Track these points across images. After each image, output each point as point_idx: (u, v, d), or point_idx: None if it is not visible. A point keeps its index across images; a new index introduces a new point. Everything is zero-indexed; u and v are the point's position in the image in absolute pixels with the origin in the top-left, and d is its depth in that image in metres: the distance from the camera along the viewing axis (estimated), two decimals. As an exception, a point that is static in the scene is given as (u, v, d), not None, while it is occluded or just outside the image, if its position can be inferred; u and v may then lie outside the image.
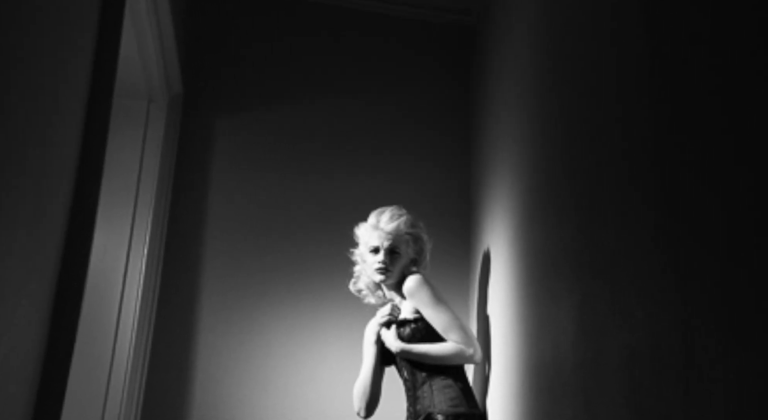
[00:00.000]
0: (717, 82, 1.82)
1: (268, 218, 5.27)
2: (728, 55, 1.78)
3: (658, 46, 2.19)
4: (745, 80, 1.69)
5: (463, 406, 3.94)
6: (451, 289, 4.95)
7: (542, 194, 3.36)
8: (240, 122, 5.44)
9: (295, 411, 4.94)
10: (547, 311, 3.11)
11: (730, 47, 1.77)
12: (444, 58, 5.81)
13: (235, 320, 5.05)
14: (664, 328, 1.99)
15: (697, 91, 1.91)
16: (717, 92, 1.81)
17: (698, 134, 1.88)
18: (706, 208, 1.82)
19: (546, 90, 3.44)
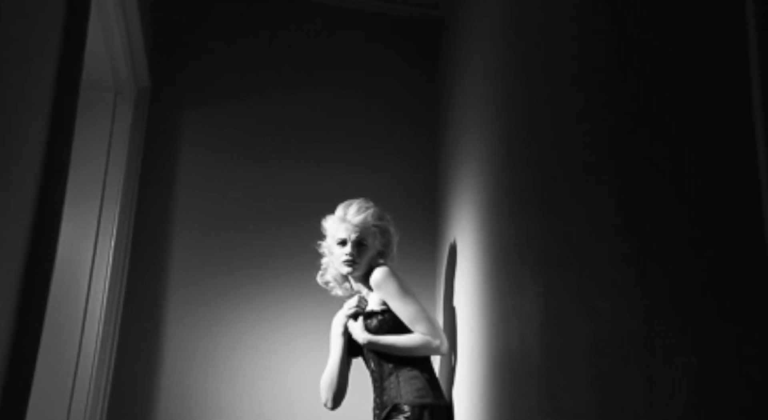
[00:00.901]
0: (677, 76, 1.85)
1: (235, 211, 5.27)
2: (688, 50, 1.80)
3: (620, 40, 2.22)
4: (704, 75, 1.72)
5: (429, 396, 3.96)
6: (418, 281, 4.98)
7: (507, 187, 3.38)
8: (208, 115, 5.44)
9: (262, 403, 4.95)
10: (512, 302, 3.14)
11: (690, 42, 1.80)
12: (411, 52, 5.83)
13: (202, 313, 5.05)
14: (626, 318, 2.01)
15: (658, 85, 1.94)
16: (677, 86, 1.84)
17: (659, 128, 1.91)
18: (666, 200, 1.84)
19: (511, 84, 3.46)
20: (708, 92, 1.70)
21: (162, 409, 4.87)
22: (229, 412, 4.92)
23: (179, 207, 5.21)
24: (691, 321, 1.69)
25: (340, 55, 5.74)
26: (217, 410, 4.92)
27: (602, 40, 2.35)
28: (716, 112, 1.66)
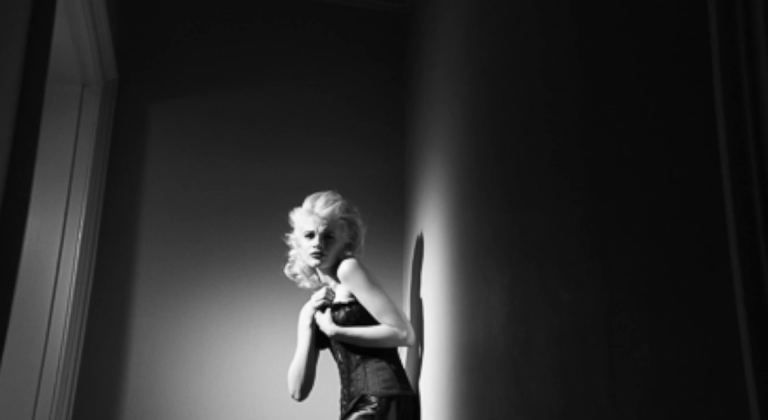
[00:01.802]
0: (640, 70, 1.87)
1: (203, 203, 5.27)
2: (651, 44, 1.83)
3: (584, 35, 2.24)
4: (667, 69, 1.74)
5: (396, 387, 3.98)
6: (385, 273, 4.99)
7: (474, 180, 3.40)
8: (175, 107, 5.43)
9: (229, 394, 4.95)
10: (479, 294, 3.16)
11: (653, 36, 1.82)
12: (379, 45, 5.83)
13: (170, 304, 5.05)
14: (590, 310, 2.04)
15: (622, 80, 1.96)
16: (640, 81, 1.86)
17: (622, 122, 1.93)
18: (629, 193, 1.86)
19: (477, 77, 3.48)
20: (671, 86, 1.72)
21: (129, 401, 4.86)
22: (197, 404, 4.93)
23: (147, 199, 5.21)
24: (653, 313, 1.71)
25: (308, 48, 5.74)
26: (185, 402, 4.92)
27: (566, 35, 2.37)
28: (679, 106, 1.68)
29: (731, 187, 1.42)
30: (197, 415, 4.91)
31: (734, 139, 1.43)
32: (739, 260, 1.39)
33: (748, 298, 1.37)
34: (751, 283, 1.37)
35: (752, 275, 1.37)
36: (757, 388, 1.32)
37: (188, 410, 4.90)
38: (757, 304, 1.36)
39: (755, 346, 1.34)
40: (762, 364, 1.33)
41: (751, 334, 1.35)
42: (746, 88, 1.42)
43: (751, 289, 1.37)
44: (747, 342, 1.35)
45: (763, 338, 1.34)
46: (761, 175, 1.38)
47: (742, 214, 1.40)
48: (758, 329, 1.35)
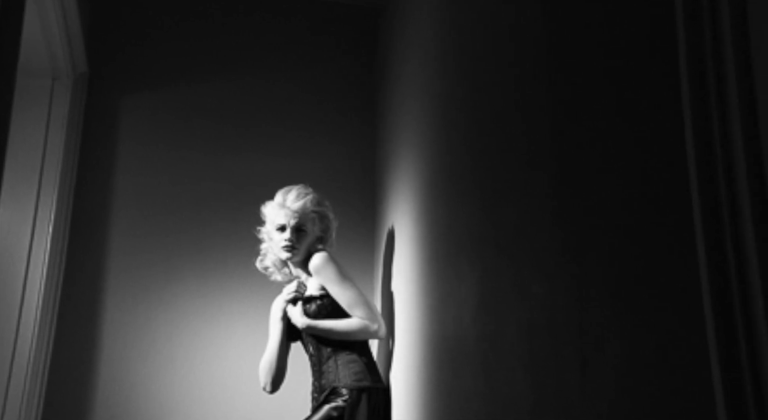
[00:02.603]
0: (610, 65, 1.88)
1: (174, 196, 5.26)
2: (621, 39, 1.84)
3: (554, 31, 2.25)
4: (637, 64, 1.76)
5: (367, 380, 4.00)
6: (357, 266, 5.00)
7: (446, 174, 3.41)
8: (146, 101, 5.42)
9: (201, 387, 4.95)
10: (450, 287, 3.17)
11: (623, 31, 1.83)
12: (351, 39, 5.84)
13: (141, 297, 5.04)
14: (561, 303, 2.05)
15: (592, 75, 1.97)
16: (610, 76, 1.88)
17: (593, 117, 1.94)
18: (600, 188, 1.88)
19: (449, 72, 3.49)
20: (639, 82, 1.74)
21: (100, 394, 4.86)
22: (169, 397, 4.92)
23: (118, 193, 5.19)
24: (623, 308, 1.73)
25: (280, 42, 5.74)
26: (156, 395, 4.91)
27: (537, 31, 2.38)
28: (647, 101, 1.70)
29: (698, 182, 1.44)
30: (168, 408, 4.91)
31: (700, 133, 1.45)
32: (705, 255, 1.41)
33: (714, 293, 1.39)
34: (717, 278, 1.39)
35: (718, 271, 1.39)
36: (722, 382, 1.34)
37: (159, 404, 4.90)
38: (723, 299, 1.38)
39: (721, 341, 1.36)
40: (727, 358, 1.35)
41: (717, 329, 1.37)
42: (712, 82, 1.44)
43: (717, 284, 1.39)
44: (713, 336, 1.37)
45: (729, 333, 1.36)
46: (727, 169, 1.40)
47: (708, 209, 1.42)
48: (724, 324, 1.36)
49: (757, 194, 1.34)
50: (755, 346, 1.32)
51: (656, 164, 1.65)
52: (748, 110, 1.38)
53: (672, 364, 1.55)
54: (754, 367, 1.32)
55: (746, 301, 1.35)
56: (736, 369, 1.34)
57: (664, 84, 1.62)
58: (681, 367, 1.52)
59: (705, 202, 1.43)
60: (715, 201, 1.42)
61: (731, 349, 1.35)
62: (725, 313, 1.37)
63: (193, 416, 4.92)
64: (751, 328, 1.33)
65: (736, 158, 1.39)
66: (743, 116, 1.38)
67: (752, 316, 1.34)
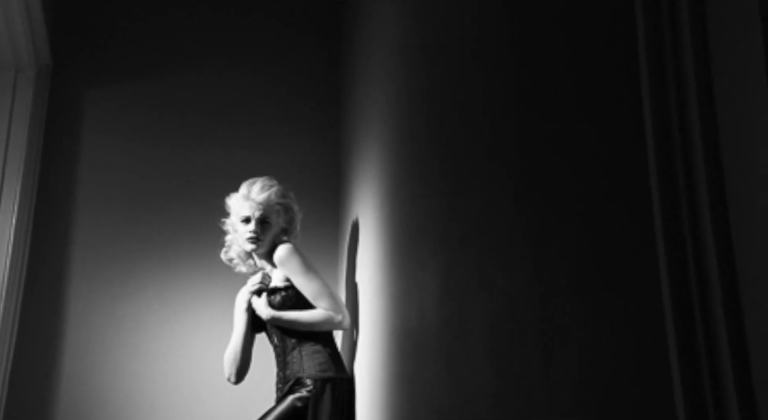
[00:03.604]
0: (572, 58, 1.90)
1: (139, 188, 5.26)
2: (582, 32, 1.86)
3: (516, 23, 2.27)
4: (597, 57, 1.78)
5: (332, 370, 4.02)
6: (321, 258, 5.02)
7: (409, 165, 3.42)
8: (111, 94, 5.41)
9: (165, 378, 4.95)
10: (413, 278, 3.19)
11: (584, 24, 1.85)
12: (314, 31, 5.84)
13: (105, 289, 5.03)
14: (523, 293, 2.07)
15: (554, 68, 1.99)
16: (572, 68, 1.90)
17: (555, 109, 1.96)
18: (562, 179, 1.90)
19: (413, 63, 3.50)
20: (601, 74, 1.76)
21: (65, 385, 4.85)
22: (133, 388, 4.92)
23: (83, 185, 5.18)
24: (585, 295, 1.75)
25: (244, 34, 5.74)
26: (121, 386, 4.91)
27: (500, 23, 2.40)
28: (608, 93, 1.72)
29: (657, 174, 1.46)
30: (133, 399, 4.91)
31: (659, 127, 1.47)
32: (664, 246, 1.43)
33: (673, 283, 1.41)
34: (676, 268, 1.41)
35: (677, 261, 1.41)
36: (680, 370, 1.37)
37: (124, 395, 4.90)
38: (681, 289, 1.40)
39: (679, 329, 1.38)
40: (685, 346, 1.37)
41: (675, 318, 1.39)
42: (671, 76, 1.46)
43: (676, 274, 1.41)
44: (672, 325, 1.40)
45: (686, 321, 1.38)
46: (685, 162, 1.42)
47: (667, 200, 1.45)
48: (681, 313, 1.39)
49: (714, 186, 1.37)
50: (712, 336, 1.35)
51: (617, 157, 1.68)
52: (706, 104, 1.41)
53: (632, 352, 1.57)
54: (711, 356, 1.34)
55: (704, 291, 1.38)
56: (693, 357, 1.37)
57: (623, 76, 1.64)
58: (641, 354, 1.55)
59: (664, 193, 1.45)
60: (674, 193, 1.44)
61: (689, 337, 1.38)
62: (683, 302, 1.39)
63: (158, 407, 4.92)
64: (708, 317, 1.36)
65: (694, 150, 1.41)
66: (701, 109, 1.40)
67: (709, 307, 1.36)
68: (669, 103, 1.47)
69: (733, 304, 1.31)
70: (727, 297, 1.33)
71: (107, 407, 4.89)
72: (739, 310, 1.31)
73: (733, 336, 1.31)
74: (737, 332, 1.30)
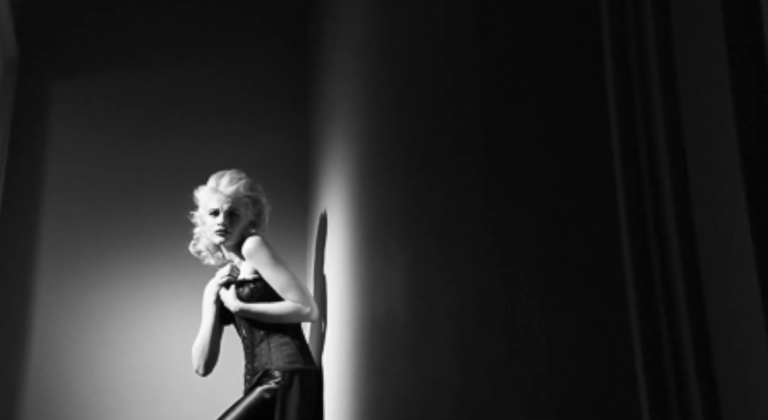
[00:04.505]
0: (537, 51, 1.92)
1: (107, 181, 5.24)
2: (547, 26, 1.87)
3: (483, 17, 2.28)
4: (563, 50, 1.79)
5: (300, 362, 4.03)
6: (289, 250, 5.02)
7: (377, 158, 3.43)
8: (78, 86, 5.39)
9: (133, 369, 4.95)
10: (381, 270, 3.20)
11: (549, 18, 1.87)
12: (282, 24, 5.84)
13: (73, 281, 5.02)
14: (489, 284, 2.08)
15: (520, 60, 2.01)
16: (537, 61, 1.91)
17: (521, 101, 1.98)
18: (527, 170, 1.91)
19: (379, 57, 3.51)
20: (566, 68, 1.77)
21: (32, 377, 4.84)
22: (101, 379, 4.91)
23: (50, 177, 5.16)
24: (550, 289, 1.76)
25: (212, 28, 5.73)
26: (89, 377, 4.90)
27: (467, 18, 2.41)
28: (574, 87, 1.73)
29: (621, 166, 1.48)
30: (101, 391, 4.90)
31: (624, 121, 1.48)
32: (628, 236, 1.45)
33: (637, 276, 1.43)
34: (640, 258, 1.43)
35: (640, 251, 1.43)
36: (644, 362, 1.38)
37: (92, 386, 4.89)
38: (645, 282, 1.41)
39: (643, 322, 1.40)
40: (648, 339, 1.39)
41: (639, 310, 1.41)
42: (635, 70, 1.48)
43: (639, 267, 1.43)
44: (635, 318, 1.41)
45: (650, 314, 1.39)
46: (649, 153, 1.44)
47: (631, 192, 1.46)
48: (645, 306, 1.40)
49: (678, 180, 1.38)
50: (675, 328, 1.36)
51: (582, 151, 1.69)
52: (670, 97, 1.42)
53: (596, 344, 1.59)
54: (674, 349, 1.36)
55: (667, 284, 1.39)
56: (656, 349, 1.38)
57: (590, 71, 1.65)
58: (604, 346, 1.56)
59: (628, 187, 1.47)
60: (638, 186, 1.46)
61: (652, 330, 1.39)
62: (647, 295, 1.41)
63: (125, 398, 4.91)
64: (671, 309, 1.37)
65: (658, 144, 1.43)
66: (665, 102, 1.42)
67: (673, 299, 1.37)
68: (633, 97, 1.48)
69: (696, 296, 1.33)
70: (689, 289, 1.34)
71: (75, 399, 4.88)
72: (702, 303, 1.33)
73: (695, 328, 1.32)
74: (699, 324, 1.32)
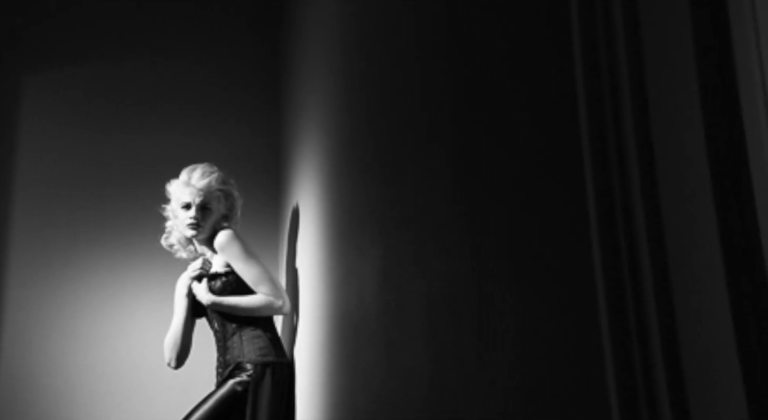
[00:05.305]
0: (508, 45, 1.93)
1: (79, 174, 5.23)
2: (518, 20, 1.88)
3: (453, 9, 2.28)
4: (533, 44, 1.81)
5: (272, 355, 4.04)
6: (262, 244, 5.03)
7: (348, 151, 3.44)
8: (50, 79, 5.37)
9: (105, 362, 4.94)
10: (353, 263, 3.21)
11: (520, 12, 1.88)
12: (254, 17, 5.83)
13: (44, 274, 5.00)
14: (459, 277, 2.09)
15: (491, 54, 2.02)
16: (508, 56, 1.92)
17: (491, 94, 1.99)
18: (497, 163, 1.92)
19: (351, 50, 3.51)
20: (535, 60, 1.79)
21: (3, 371, 4.82)
22: (73, 372, 4.90)
23: (20, 170, 5.14)
24: (519, 279, 1.77)
25: (184, 20, 5.71)
26: (60, 370, 4.89)
27: (438, 11, 2.42)
28: (544, 79, 1.75)
29: (591, 159, 1.49)
30: (72, 384, 4.89)
31: (593, 113, 1.50)
32: (597, 227, 1.46)
33: (606, 267, 1.44)
34: (608, 250, 1.44)
35: (609, 242, 1.44)
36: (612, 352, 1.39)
37: (64, 379, 4.88)
38: (613, 272, 1.43)
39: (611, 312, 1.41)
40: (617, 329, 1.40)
41: (608, 300, 1.42)
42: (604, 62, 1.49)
43: (608, 256, 1.44)
44: (604, 308, 1.42)
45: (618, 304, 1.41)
46: (617, 146, 1.45)
47: (600, 183, 1.47)
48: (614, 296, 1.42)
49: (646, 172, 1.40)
50: (643, 317, 1.38)
51: (551, 142, 1.70)
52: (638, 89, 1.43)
53: (565, 335, 1.60)
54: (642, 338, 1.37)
55: (635, 274, 1.40)
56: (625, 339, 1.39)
57: (558, 64, 1.66)
58: (574, 337, 1.57)
59: (597, 178, 1.48)
60: (607, 177, 1.47)
61: (621, 319, 1.40)
62: (616, 285, 1.42)
63: (97, 391, 4.91)
64: (639, 298, 1.39)
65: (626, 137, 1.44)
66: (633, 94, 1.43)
67: (641, 288, 1.39)
68: (602, 88, 1.49)
69: (664, 289, 1.35)
70: (657, 279, 1.36)
71: (46, 391, 4.87)
72: (670, 296, 1.34)
73: (662, 316, 1.34)
74: (667, 313, 1.33)
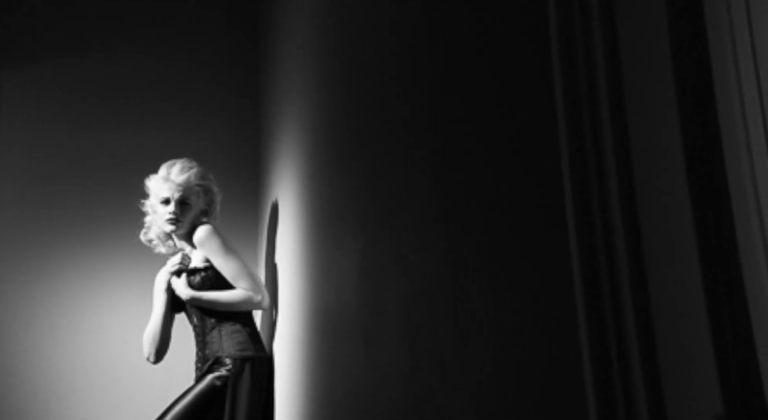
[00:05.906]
0: (485, 41, 1.94)
1: (58, 170, 5.22)
2: (496, 15, 1.89)
3: (430, 5, 2.29)
4: (509, 40, 1.82)
5: (251, 349, 4.04)
6: (241, 239, 5.03)
7: (327, 147, 3.44)
8: (26, 74, 5.35)
9: (84, 357, 4.93)
10: (332, 258, 3.21)
11: (497, 7, 1.89)
12: (233, 14, 5.82)
13: (23, 270, 4.99)
14: (437, 272, 2.10)
15: (468, 51, 2.03)
16: (485, 52, 1.93)
17: (469, 91, 2.00)
18: (475, 159, 1.93)
19: (329, 46, 3.52)
20: (514, 58, 1.80)
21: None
22: (51, 367, 4.90)
23: (-1, 165, 5.13)
24: (496, 274, 1.79)
25: (163, 15, 5.70)
26: (39, 365, 4.88)
27: (414, 6, 2.42)
28: (521, 75, 1.76)
29: (568, 156, 1.50)
30: (51, 379, 4.88)
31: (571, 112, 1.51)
32: (574, 224, 1.47)
33: (583, 265, 1.45)
34: (585, 246, 1.46)
35: (586, 239, 1.46)
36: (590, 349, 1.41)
37: (42, 375, 4.87)
38: (589, 266, 1.44)
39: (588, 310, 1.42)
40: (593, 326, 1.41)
41: (585, 298, 1.43)
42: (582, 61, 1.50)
43: (585, 256, 1.45)
44: (581, 305, 1.44)
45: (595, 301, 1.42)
46: (594, 143, 1.46)
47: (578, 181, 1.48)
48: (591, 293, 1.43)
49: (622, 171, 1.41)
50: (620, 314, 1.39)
51: (529, 139, 1.71)
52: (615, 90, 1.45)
53: (542, 332, 1.61)
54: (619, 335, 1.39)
55: (612, 271, 1.42)
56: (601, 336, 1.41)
57: (537, 62, 1.67)
58: (551, 334, 1.59)
59: (575, 175, 1.49)
60: (584, 173, 1.48)
61: (598, 317, 1.42)
62: (593, 282, 1.43)
63: (76, 386, 4.90)
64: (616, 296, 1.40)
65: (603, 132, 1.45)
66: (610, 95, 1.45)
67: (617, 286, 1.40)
68: (580, 88, 1.50)
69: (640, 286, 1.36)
70: (633, 276, 1.37)
71: (25, 386, 4.86)
72: (646, 293, 1.35)
73: (639, 312, 1.35)
74: (643, 309, 1.35)
